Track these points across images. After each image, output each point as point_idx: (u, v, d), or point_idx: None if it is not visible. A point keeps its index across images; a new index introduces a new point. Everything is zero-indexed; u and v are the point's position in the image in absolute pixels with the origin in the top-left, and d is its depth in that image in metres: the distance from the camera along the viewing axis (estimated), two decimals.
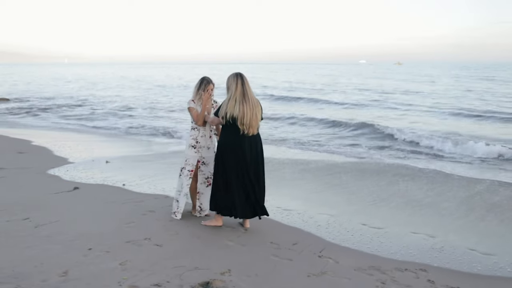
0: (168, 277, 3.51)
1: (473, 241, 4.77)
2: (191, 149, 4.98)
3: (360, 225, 5.16)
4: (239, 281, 3.52)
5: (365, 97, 25.99)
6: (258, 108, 4.55)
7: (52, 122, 16.25)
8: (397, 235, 4.87)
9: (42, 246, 4.07)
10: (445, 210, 5.87)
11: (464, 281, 3.82)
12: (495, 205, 6.17)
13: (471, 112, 18.09)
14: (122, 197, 5.84)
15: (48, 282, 3.36)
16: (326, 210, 5.67)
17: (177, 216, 5.03)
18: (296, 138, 12.70)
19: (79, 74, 67.16)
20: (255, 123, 4.51)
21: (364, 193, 6.63)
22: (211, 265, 3.78)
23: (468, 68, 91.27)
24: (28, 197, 5.68)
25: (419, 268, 4.01)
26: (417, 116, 17.22)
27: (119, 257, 3.87)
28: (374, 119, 15.74)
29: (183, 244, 4.31)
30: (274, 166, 8.25)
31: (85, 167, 7.82)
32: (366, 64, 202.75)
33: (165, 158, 9.06)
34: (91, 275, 3.49)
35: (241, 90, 4.48)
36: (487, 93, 28.03)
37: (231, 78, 4.55)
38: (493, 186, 7.16)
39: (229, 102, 4.46)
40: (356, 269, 3.91)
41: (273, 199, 5.91)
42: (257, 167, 4.61)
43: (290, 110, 19.63)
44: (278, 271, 3.78)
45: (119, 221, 4.85)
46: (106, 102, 24.07)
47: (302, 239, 4.58)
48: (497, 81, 42.23)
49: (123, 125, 15.44)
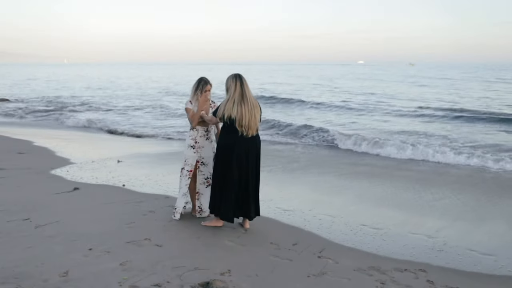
0: (168, 277, 3.52)
1: (472, 242, 4.78)
2: (190, 149, 4.99)
3: (360, 225, 5.16)
4: (239, 281, 3.53)
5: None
6: (257, 109, 4.56)
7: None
8: (396, 236, 4.88)
9: (42, 246, 4.08)
10: (445, 210, 5.88)
11: (464, 281, 3.82)
12: (496, 205, 6.18)
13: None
14: (122, 198, 5.85)
15: (48, 282, 3.37)
16: (326, 210, 5.68)
17: (175, 216, 5.04)
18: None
19: (57, 74, 65.78)
20: (254, 124, 4.52)
21: (364, 193, 6.64)
22: (211, 266, 3.79)
23: (485, 69, 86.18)
24: (29, 198, 5.69)
25: (419, 268, 4.02)
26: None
27: (120, 257, 3.88)
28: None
29: (183, 244, 4.32)
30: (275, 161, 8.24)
31: (84, 167, 7.84)
32: (365, 64, 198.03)
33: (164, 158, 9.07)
34: (91, 275, 3.50)
35: (240, 91, 4.48)
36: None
37: (230, 79, 4.56)
38: (494, 186, 7.17)
39: (227, 103, 4.47)
40: (355, 269, 3.92)
41: (272, 199, 5.92)
42: (254, 168, 4.63)
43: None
44: (278, 272, 3.79)
45: (120, 222, 4.86)
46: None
47: (302, 240, 4.59)
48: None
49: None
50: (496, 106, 19.67)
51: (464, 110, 17.97)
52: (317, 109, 20.10)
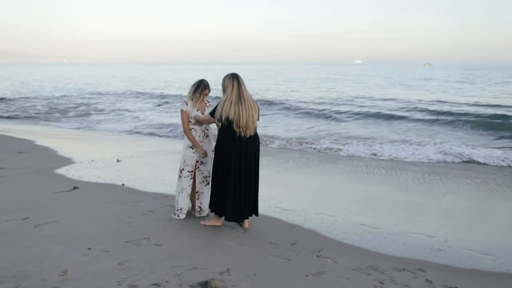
0: (167, 277, 3.52)
1: (471, 241, 4.78)
2: (189, 150, 4.99)
3: (358, 225, 5.17)
4: (238, 280, 3.54)
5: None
6: (254, 109, 4.54)
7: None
8: (395, 235, 4.89)
9: (41, 245, 4.08)
10: (444, 210, 5.89)
11: (462, 281, 3.82)
12: (495, 204, 6.18)
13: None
14: (121, 197, 5.85)
15: (47, 281, 3.38)
16: (325, 210, 5.68)
17: (180, 216, 5.04)
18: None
19: (42, 74, 65.12)
20: (251, 124, 4.50)
21: (362, 192, 6.64)
22: (210, 265, 3.79)
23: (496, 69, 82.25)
24: (28, 197, 5.69)
25: (417, 267, 4.02)
26: None
27: (119, 256, 3.88)
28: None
29: (182, 244, 4.32)
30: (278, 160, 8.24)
31: (84, 166, 7.83)
32: (362, 64, 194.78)
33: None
34: (90, 275, 3.50)
35: (237, 91, 4.46)
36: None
37: (227, 80, 4.52)
38: (495, 186, 7.17)
39: (225, 104, 4.45)
40: (354, 268, 3.92)
41: (271, 198, 5.92)
42: (252, 168, 4.63)
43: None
44: (276, 271, 3.79)
45: (119, 221, 4.86)
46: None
47: (300, 239, 4.59)
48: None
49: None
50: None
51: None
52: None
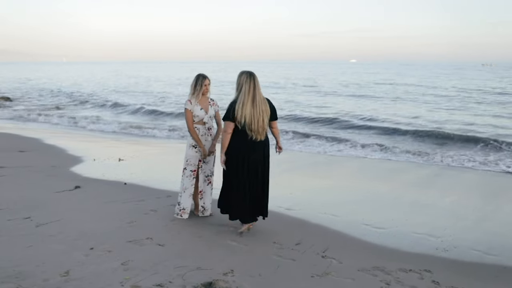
0: (171, 277, 3.48)
1: (478, 241, 4.72)
2: (192, 149, 4.95)
3: (364, 225, 5.12)
4: (242, 281, 3.49)
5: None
6: (266, 112, 4.42)
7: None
8: (401, 235, 4.83)
9: (43, 245, 4.05)
10: (450, 210, 5.83)
11: (469, 282, 3.77)
12: (501, 205, 6.12)
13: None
14: (123, 196, 5.81)
15: (49, 281, 3.34)
16: (329, 209, 5.63)
17: (183, 216, 5.00)
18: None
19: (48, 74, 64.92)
20: (261, 129, 4.40)
21: (368, 192, 6.59)
22: (214, 265, 3.75)
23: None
24: (30, 196, 5.66)
25: (424, 268, 3.97)
26: None
27: (121, 256, 3.84)
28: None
29: (186, 244, 4.28)
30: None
31: (86, 165, 7.80)
32: (357, 63, 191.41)
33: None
34: (92, 275, 3.46)
35: (252, 94, 4.33)
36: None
37: (244, 77, 4.37)
38: (501, 186, 7.12)
39: (243, 106, 4.31)
40: (360, 269, 3.87)
41: (275, 198, 5.87)
42: (263, 172, 4.57)
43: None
44: (281, 272, 3.74)
45: (121, 221, 4.82)
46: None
47: (305, 239, 4.54)
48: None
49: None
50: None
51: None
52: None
